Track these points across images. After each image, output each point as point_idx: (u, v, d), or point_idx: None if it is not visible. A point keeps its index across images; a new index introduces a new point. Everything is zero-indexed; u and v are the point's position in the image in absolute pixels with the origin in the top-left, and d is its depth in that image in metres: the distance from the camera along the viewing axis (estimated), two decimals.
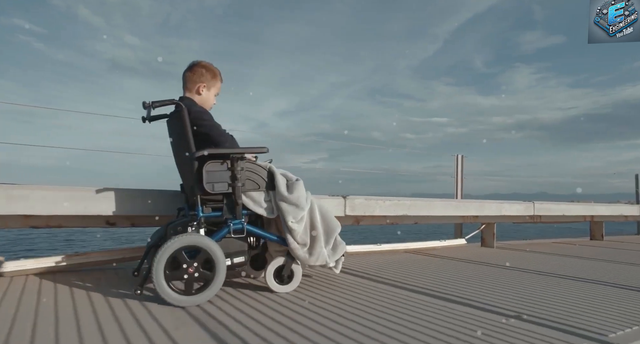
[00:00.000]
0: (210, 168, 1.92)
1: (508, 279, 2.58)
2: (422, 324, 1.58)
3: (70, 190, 2.29)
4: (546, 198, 5.44)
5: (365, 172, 5.16)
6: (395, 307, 1.82)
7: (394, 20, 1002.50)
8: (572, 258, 3.62)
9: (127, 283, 2.14)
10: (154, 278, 1.74)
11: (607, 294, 2.23)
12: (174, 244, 1.77)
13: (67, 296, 1.86)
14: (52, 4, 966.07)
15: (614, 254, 4.03)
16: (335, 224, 2.15)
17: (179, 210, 2.33)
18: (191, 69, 2.17)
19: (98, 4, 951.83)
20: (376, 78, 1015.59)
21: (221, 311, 1.69)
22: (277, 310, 1.72)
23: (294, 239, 2.00)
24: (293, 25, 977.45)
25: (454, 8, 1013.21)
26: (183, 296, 1.77)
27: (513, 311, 1.81)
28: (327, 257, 2.09)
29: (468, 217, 4.02)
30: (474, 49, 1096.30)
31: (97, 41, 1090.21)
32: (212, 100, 2.22)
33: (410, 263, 3.10)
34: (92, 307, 1.71)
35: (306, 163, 21.39)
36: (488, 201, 4.19)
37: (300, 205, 2.00)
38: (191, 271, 1.79)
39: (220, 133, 2.00)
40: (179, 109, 1.94)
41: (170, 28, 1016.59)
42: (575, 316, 1.77)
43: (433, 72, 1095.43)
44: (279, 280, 2.03)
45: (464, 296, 2.08)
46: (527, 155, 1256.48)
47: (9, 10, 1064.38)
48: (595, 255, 3.94)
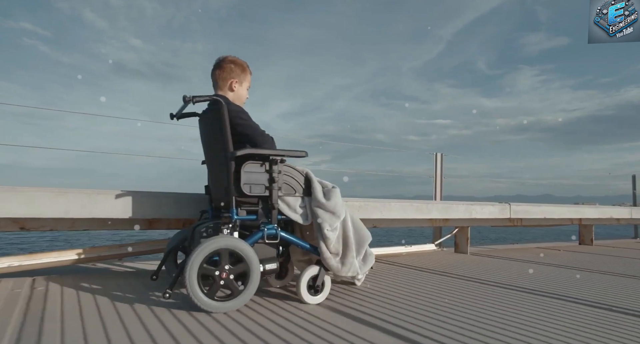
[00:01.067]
0: (248, 169, 1.84)
1: (470, 296, 2.10)
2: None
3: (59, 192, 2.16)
4: (551, 200, 5.38)
5: (368, 173, 5.10)
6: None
7: (397, 22, 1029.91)
8: (553, 268, 3.19)
9: (140, 286, 2.01)
10: (187, 281, 1.62)
11: (590, 319, 1.76)
12: (208, 246, 1.67)
13: (73, 301, 1.73)
14: (57, 8, 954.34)
15: (602, 262, 3.65)
16: (366, 234, 2.09)
17: (201, 212, 2.22)
18: (220, 66, 2.10)
19: (103, 7, 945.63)
20: (380, 80, 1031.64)
21: (242, 320, 1.60)
22: (292, 321, 1.63)
23: (327, 248, 1.92)
24: (297, 27, 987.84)
25: (457, 10, 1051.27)
26: (217, 303, 1.66)
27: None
28: (358, 268, 2.02)
29: (437, 220, 3.65)
30: (477, 51, 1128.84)
31: (101, 44, 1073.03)
32: (245, 94, 2.15)
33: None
34: (115, 312, 1.58)
35: (309, 165, 20.93)
36: (456, 203, 3.80)
37: (337, 212, 1.93)
38: (225, 275, 1.69)
39: (260, 133, 1.93)
40: (217, 106, 1.86)
41: (174, 30, 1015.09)
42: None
43: (436, 74, 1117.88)
44: (311, 291, 1.94)
45: (400, 324, 1.60)
46: (531, 157, 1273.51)
47: (15, 14, 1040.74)
48: (579, 263, 3.54)
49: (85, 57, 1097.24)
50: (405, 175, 5.51)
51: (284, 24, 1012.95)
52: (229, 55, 2.14)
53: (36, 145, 2.98)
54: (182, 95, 1.80)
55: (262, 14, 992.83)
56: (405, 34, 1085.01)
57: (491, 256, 3.80)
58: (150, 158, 3.44)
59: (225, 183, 1.86)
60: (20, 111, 75.38)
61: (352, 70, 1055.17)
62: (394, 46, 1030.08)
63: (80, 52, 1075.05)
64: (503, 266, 3.20)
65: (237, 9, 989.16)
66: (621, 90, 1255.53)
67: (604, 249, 4.75)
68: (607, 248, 4.91)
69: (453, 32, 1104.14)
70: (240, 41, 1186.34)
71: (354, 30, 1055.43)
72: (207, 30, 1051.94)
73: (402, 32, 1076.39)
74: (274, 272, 1.91)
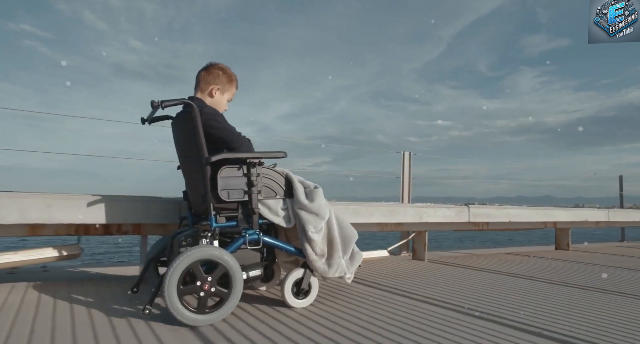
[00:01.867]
0: (225, 174, 1.76)
1: (400, 324, 1.67)
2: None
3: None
4: (552, 201, 5.29)
5: (369, 175, 5.00)
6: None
7: (398, 23, 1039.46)
8: (516, 279, 2.76)
9: (121, 298, 1.94)
10: (165, 296, 1.56)
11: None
12: (188, 257, 1.60)
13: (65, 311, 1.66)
14: (58, 9, 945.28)
15: (566, 270, 3.27)
16: (352, 233, 2.04)
17: (181, 219, 2.15)
18: (207, 69, 2.02)
19: (103, 9, 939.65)
20: (380, 81, 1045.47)
21: (229, 329, 1.54)
22: (287, 324, 1.59)
23: (312, 250, 1.87)
24: (298, 28, 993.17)
25: (457, 11, 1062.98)
26: (197, 315, 1.61)
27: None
28: (346, 268, 1.97)
29: (389, 225, 3.32)
30: (478, 52, 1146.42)
31: (102, 45, 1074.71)
32: (224, 105, 2.06)
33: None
34: (90, 323, 1.52)
35: (310, 167, 20.68)
36: (404, 206, 3.52)
37: (321, 213, 1.87)
38: (206, 287, 1.63)
39: (236, 136, 1.85)
40: (189, 109, 1.78)
41: (175, 32, 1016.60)
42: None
43: (437, 75, 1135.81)
44: (296, 294, 1.89)
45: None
46: (532, 159, 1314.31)
47: (15, 15, 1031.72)
48: (542, 271, 3.14)
49: (86, 58, 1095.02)
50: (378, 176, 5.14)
51: (285, 25, 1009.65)
52: (222, 63, 2.06)
53: (37, 149, 2.88)
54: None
55: (262, 15, 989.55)
56: (405, 35, 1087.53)
57: (448, 264, 3.46)
58: (150, 159, 3.37)
59: (202, 190, 1.79)
60: (21, 113, 72.35)
61: (352, 72, 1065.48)
62: (394, 47, 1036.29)
63: (81, 53, 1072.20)
64: (455, 276, 2.84)
65: (237, 11, 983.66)
66: (622, 91, 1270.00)
67: (578, 255, 4.42)
68: (582, 253, 4.56)
69: (453, 34, 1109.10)
70: (241, 42, 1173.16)
71: (354, 32, 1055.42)
72: (208, 31, 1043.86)
73: (402, 34, 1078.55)
74: (258, 278, 1.85)
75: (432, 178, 5.17)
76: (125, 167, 3.55)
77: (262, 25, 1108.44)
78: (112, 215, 2.20)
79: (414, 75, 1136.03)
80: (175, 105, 1.76)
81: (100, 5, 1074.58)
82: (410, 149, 5.15)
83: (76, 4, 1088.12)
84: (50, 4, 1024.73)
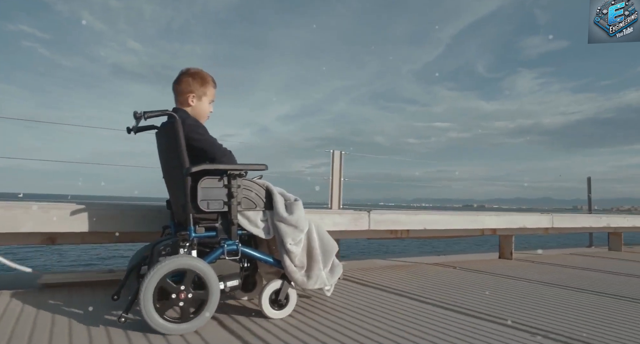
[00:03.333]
0: (205, 184, 1.79)
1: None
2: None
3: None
4: (551, 203, 5.16)
5: (368, 177, 4.98)
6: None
7: (397, 24, 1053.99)
8: (416, 304, 2.21)
9: (104, 306, 1.96)
10: (141, 306, 1.58)
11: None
12: (163, 267, 1.62)
13: (47, 318, 1.68)
14: (56, 10, 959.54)
15: (486, 285, 2.82)
16: (333, 245, 2.05)
17: (164, 228, 2.17)
18: (177, 80, 2.04)
19: (102, 10, 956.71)
20: (379, 82, 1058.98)
21: (199, 339, 1.56)
22: (258, 334, 1.60)
23: (291, 261, 1.89)
24: (297, 29, 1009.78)
25: (455, 13, 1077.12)
26: (173, 325, 1.63)
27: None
28: (326, 280, 1.99)
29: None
30: (476, 54, 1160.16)
31: (101, 46, 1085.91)
32: (207, 109, 2.08)
33: None
34: (69, 330, 1.54)
35: (308, 168, 20.12)
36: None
37: (299, 226, 1.89)
38: (183, 296, 1.65)
39: (217, 147, 1.88)
40: (172, 120, 1.81)
41: (173, 33, 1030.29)
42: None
43: (436, 77, 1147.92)
44: (274, 305, 1.90)
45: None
46: (531, 160, 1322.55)
47: (13, 16, 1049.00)
48: (444, 289, 2.63)
49: (85, 59, 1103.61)
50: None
51: (284, 26, 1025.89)
52: (192, 68, 2.07)
53: (36, 150, 2.87)
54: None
55: (261, 16, 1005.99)
56: (404, 37, 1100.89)
57: (348, 279, 2.88)
58: (150, 161, 3.40)
59: (182, 200, 1.81)
60: (20, 113, 70.87)
61: (351, 73, 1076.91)
62: (393, 48, 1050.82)
63: (80, 54, 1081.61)
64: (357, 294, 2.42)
65: (236, 11, 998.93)
66: (620, 93, 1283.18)
67: (516, 264, 3.93)
68: (523, 263, 4.10)
69: (452, 35, 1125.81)
70: (240, 43, 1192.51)
71: (353, 33, 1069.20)
72: (206, 32, 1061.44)
73: (401, 35, 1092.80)
74: (236, 289, 1.87)
75: (372, 180, 4.92)
76: (124, 167, 3.55)
77: (261, 26, 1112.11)
78: (91, 224, 2.21)
79: (413, 76, 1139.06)
80: (157, 116, 1.79)
81: (99, 7, 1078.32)
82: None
83: (74, 5, 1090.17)
84: (48, 4, 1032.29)
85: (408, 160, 13.41)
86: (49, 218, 2.10)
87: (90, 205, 2.22)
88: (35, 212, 2.09)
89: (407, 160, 11.87)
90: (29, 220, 2.07)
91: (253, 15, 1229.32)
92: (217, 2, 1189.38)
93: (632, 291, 2.78)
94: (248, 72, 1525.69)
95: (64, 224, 2.14)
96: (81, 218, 2.18)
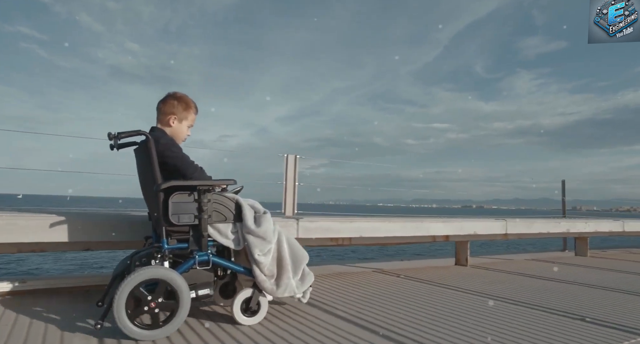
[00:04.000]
0: (176, 199, 1.90)
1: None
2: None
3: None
4: (550, 204, 5.11)
5: (368, 177, 5.03)
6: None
7: (395, 26, 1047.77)
8: (325, 317, 2.15)
9: (88, 312, 2.10)
10: (115, 313, 1.71)
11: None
12: (136, 278, 1.75)
13: (24, 323, 1.82)
14: (54, 12, 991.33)
15: (410, 298, 2.64)
16: (303, 255, 2.15)
17: (146, 238, 2.30)
18: (164, 101, 2.17)
19: (99, 11, 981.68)
20: (378, 83, 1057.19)
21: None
22: (241, 342, 1.71)
23: (261, 271, 1.99)
24: (295, 31, 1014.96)
25: (454, 14, 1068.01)
26: (145, 331, 1.74)
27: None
28: (295, 288, 2.08)
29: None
30: (475, 55, 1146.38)
31: (99, 48, 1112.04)
32: (185, 132, 2.21)
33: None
34: (43, 336, 1.67)
35: (307, 169, 20.50)
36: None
37: (267, 238, 1.99)
38: (154, 305, 1.77)
39: (188, 164, 2.00)
40: (145, 140, 1.93)
41: (171, 34, 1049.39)
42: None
43: (434, 78, 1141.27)
44: (245, 312, 2.01)
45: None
46: (530, 161, 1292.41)
47: (11, 18, 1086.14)
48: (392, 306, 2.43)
49: (83, 61, 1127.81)
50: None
51: (282, 27, 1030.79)
52: (178, 92, 2.20)
53: (35, 150, 3.03)
54: None
55: (259, 17, 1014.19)
56: (402, 38, 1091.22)
57: None
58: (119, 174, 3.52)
59: (156, 214, 1.94)
60: (18, 115, 75.35)
61: (350, 74, 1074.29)
62: (391, 50, 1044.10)
63: (78, 55, 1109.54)
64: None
65: (234, 13, 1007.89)
66: (618, 94, 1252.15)
67: (467, 272, 3.81)
68: (477, 270, 3.98)
69: (450, 36, 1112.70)
70: (238, 45, 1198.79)
71: (352, 34, 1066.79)
72: (204, 34, 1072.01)
73: (399, 36, 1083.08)
74: (208, 296, 1.98)
75: (334, 183, 4.81)
76: (124, 168, 3.66)
77: (259, 28, 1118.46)
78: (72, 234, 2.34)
79: (411, 77, 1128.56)
80: (131, 136, 1.92)
81: (97, 7, 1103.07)
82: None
83: (73, 6, 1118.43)
84: (46, 6, 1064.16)
85: (373, 165, 12.53)
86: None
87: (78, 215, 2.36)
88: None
89: (372, 164, 11.17)
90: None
91: (251, 17, 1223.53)
92: (215, 4, 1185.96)
93: (560, 301, 2.69)
94: (247, 73, 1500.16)
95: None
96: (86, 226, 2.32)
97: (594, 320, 2.25)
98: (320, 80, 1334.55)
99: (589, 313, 2.39)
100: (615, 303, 2.69)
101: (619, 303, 2.69)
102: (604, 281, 3.50)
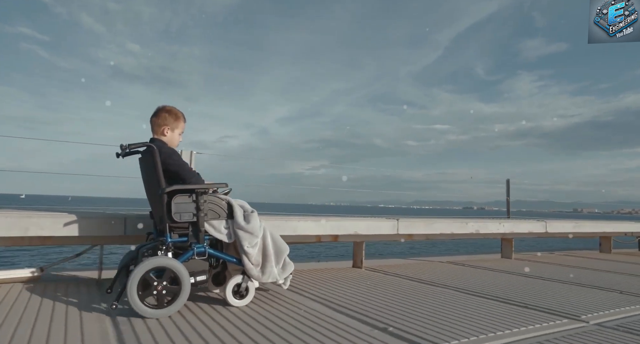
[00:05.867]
0: (178, 200, 2.27)
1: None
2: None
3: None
4: (551, 206, 5.16)
5: (367, 178, 5.31)
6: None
7: (395, 27, 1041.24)
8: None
9: (100, 298, 2.44)
10: (128, 295, 2.06)
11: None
12: (146, 265, 2.10)
13: (48, 308, 2.15)
14: (55, 13, 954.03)
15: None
16: (284, 247, 2.54)
17: (147, 234, 2.65)
18: (156, 115, 2.52)
19: (100, 12, 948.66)
20: (378, 85, 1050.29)
21: (180, 323, 2.04)
22: (230, 320, 2.08)
23: (249, 260, 2.37)
24: (295, 32, 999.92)
25: (454, 16, 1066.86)
26: (154, 310, 2.10)
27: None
28: (277, 275, 2.47)
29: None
30: (475, 57, 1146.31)
31: (99, 48, 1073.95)
32: (177, 138, 2.57)
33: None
34: (64, 317, 2.01)
35: (308, 170, 20.60)
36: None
37: (254, 233, 2.37)
38: (160, 288, 2.13)
39: (187, 171, 2.36)
40: (151, 150, 2.29)
41: (172, 35, 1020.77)
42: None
43: (434, 79, 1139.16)
44: (236, 296, 2.38)
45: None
46: (530, 163, 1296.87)
47: (12, 19, 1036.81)
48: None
49: (84, 61, 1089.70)
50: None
51: (282, 29, 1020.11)
52: (167, 105, 2.55)
53: (34, 151, 3.32)
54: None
55: (259, 19, 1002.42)
56: (403, 39, 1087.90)
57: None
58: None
59: (160, 213, 2.30)
60: (18, 115, 73.66)
61: (350, 75, 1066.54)
62: (392, 51, 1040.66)
63: (79, 56, 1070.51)
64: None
65: (234, 14, 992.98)
66: (619, 96, 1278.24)
67: (357, 275, 3.57)
68: (369, 272, 3.77)
69: (451, 38, 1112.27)
70: (238, 46, 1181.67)
71: (352, 36, 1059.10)
72: (205, 35, 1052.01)
73: (400, 38, 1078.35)
74: (205, 282, 2.35)
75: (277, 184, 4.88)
76: (124, 169, 3.82)
77: (260, 29, 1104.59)
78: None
79: (411, 79, 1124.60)
80: (139, 147, 2.28)
81: (98, 9, 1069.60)
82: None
83: (73, 7, 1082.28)
84: (47, 6, 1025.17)
85: (374, 168, 12.56)
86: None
87: (88, 214, 2.69)
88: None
89: (372, 168, 11.25)
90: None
91: (251, 18, 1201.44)
92: (215, 5, 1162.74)
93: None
94: (247, 74, 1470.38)
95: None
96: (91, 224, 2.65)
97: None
98: (321, 81, 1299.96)
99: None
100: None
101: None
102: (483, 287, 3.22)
